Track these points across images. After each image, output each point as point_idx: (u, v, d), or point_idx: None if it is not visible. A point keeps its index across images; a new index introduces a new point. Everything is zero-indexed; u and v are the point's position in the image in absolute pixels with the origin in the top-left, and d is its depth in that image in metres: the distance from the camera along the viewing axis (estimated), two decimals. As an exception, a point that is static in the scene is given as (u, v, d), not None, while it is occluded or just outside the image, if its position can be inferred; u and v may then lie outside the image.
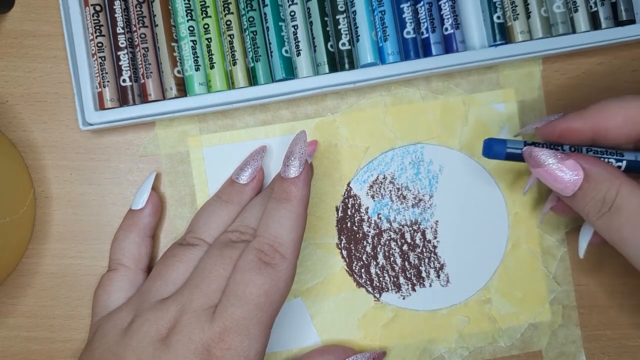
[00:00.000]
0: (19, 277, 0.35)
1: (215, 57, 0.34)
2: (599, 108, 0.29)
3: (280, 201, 0.30)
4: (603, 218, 0.28)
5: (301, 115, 0.36)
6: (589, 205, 0.29)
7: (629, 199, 0.27)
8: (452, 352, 0.35)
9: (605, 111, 0.28)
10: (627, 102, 0.28)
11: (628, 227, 0.28)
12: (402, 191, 0.36)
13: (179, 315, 0.29)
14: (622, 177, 0.28)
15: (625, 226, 0.28)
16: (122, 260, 0.33)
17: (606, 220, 0.28)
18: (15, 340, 0.35)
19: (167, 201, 0.35)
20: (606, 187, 0.28)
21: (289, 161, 0.31)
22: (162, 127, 0.36)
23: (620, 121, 0.28)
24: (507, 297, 0.35)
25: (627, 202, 0.27)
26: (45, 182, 0.36)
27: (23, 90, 0.35)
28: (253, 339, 0.28)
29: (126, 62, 0.34)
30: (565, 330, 0.35)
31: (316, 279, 0.35)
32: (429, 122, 0.36)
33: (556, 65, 0.36)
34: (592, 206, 0.28)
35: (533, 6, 0.33)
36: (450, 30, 0.34)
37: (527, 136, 0.35)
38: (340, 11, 0.34)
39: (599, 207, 0.28)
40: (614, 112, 0.28)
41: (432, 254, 0.35)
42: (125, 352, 0.28)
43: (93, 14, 0.33)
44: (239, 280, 0.29)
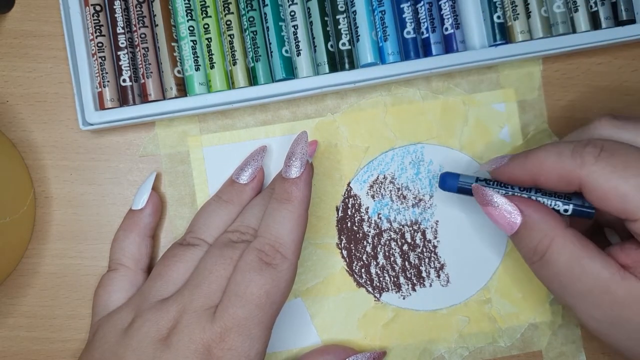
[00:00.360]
0: (19, 277, 0.35)
1: (215, 57, 0.34)
2: (537, 161, 0.28)
3: (282, 201, 0.30)
4: (534, 265, 0.29)
5: (301, 115, 0.36)
6: (523, 250, 0.29)
7: (558, 255, 0.28)
8: (452, 352, 0.35)
9: (541, 167, 0.28)
10: (561, 159, 0.28)
11: (556, 282, 0.28)
12: (402, 191, 0.36)
13: (180, 316, 0.29)
14: (558, 230, 0.28)
15: (555, 279, 0.28)
16: (122, 260, 0.33)
17: (537, 268, 0.29)
18: (15, 340, 0.35)
19: (167, 201, 0.35)
20: (539, 238, 0.28)
21: (290, 162, 0.31)
22: (162, 127, 0.36)
23: (555, 179, 0.28)
24: (507, 297, 0.35)
25: (557, 258, 0.28)
26: (45, 182, 0.36)
27: (23, 90, 0.35)
28: (254, 339, 0.28)
29: (126, 62, 0.34)
30: (565, 330, 0.35)
31: (316, 279, 0.35)
32: (429, 122, 0.36)
33: (556, 65, 0.36)
34: (526, 252, 0.29)
35: (533, 6, 0.33)
36: (450, 30, 0.34)
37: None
38: (340, 11, 0.34)
39: (531, 255, 0.29)
40: (548, 169, 0.28)
41: (432, 254, 0.35)
42: (125, 353, 0.28)
43: (93, 14, 0.33)
44: (239, 280, 0.29)
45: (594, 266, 0.27)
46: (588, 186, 0.27)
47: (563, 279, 0.28)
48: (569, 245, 0.28)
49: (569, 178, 0.27)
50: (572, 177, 0.27)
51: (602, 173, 0.26)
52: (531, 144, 0.35)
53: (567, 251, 0.27)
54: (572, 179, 0.27)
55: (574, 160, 0.27)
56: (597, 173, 0.27)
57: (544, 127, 0.35)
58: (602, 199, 0.27)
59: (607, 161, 0.27)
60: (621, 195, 0.26)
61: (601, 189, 0.27)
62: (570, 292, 0.28)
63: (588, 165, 0.27)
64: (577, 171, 0.27)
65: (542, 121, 0.35)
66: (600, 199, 0.27)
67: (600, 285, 0.27)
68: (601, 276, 0.27)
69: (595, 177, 0.27)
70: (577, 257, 0.27)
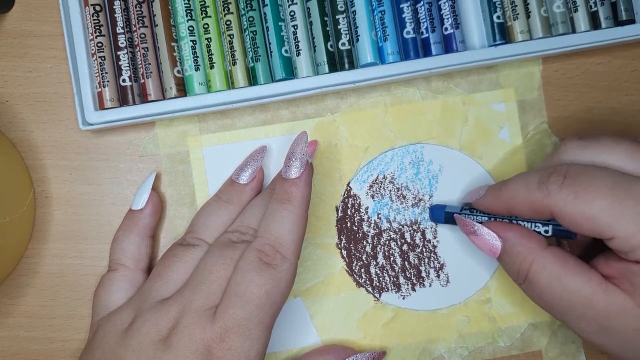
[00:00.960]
0: (19, 277, 0.35)
1: (215, 57, 0.34)
2: (508, 194, 0.30)
3: (282, 202, 0.30)
4: (522, 287, 0.30)
5: (301, 116, 0.36)
6: (509, 273, 0.31)
7: (539, 277, 0.29)
8: (452, 352, 0.35)
9: (513, 200, 0.29)
10: (530, 191, 0.29)
11: (542, 301, 0.29)
12: (402, 191, 0.36)
13: (180, 316, 0.29)
14: (536, 253, 0.29)
15: (540, 299, 0.29)
16: (123, 260, 0.33)
17: (524, 289, 0.30)
18: (15, 340, 0.35)
19: (167, 201, 0.35)
20: (519, 262, 0.29)
21: (290, 162, 0.31)
22: (162, 127, 0.36)
23: (527, 210, 0.29)
24: (507, 297, 0.35)
25: (538, 279, 0.29)
26: (45, 182, 0.36)
27: (23, 91, 0.35)
28: (254, 340, 0.28)
29: (126, 62, 0.34)
30: (565, 331, 0.35)
31: (316, 279, 0.35)
32: (429, 122, 0.36)
33: (556, 65, 0.36)
34: (511, 275, 0.30)
35: (533, 6, 0.33)
36: (450, 30, 0.34)
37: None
38: (340, 11, 0.34)
39: (516, 277, 0.30)
40: (520, 202, 0.29)
41: (432, 254, 0.35)
42: (125, 353, 0.28)
43: (93, 14, 0.33)
44: (240, 280, 0.29)
45: (574, 283, 0.28)
46: (558, 214, 0.28)
47: (547, 297, 0.29)
48: (548, 266, 0.28)
49: (539, 208, 0.28)
50: (542, 208, 0.28)
51: (567, 201, 0.27)
52: (531, 144, 0.35)
53: (546, 272, 0.28)
54: (542, 209, 0.28)
55: (541, 192, 0.28)
56: (562, 202, 0.27)
57: (544, 127, 0.35)
58: (573, 224, 0.28)
59: (570, 189, 0.27)
60: (589, 218, 0.27)
61: (570, 215, 0.27)
62: (556, 309, 0.29)
63: (553, 194, 0.28)
64: (544, 201, 0.28)
65: (542, 121, 0.35)
66: (572, 224, 0.28)
67: (583, 301, 0.28)
68: (583, 292, 0.28)
69: (561, 205, 0.27)
70: (556, 277, 0.28)
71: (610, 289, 0.27)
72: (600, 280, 0.28)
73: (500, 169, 0.35)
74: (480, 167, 0.35)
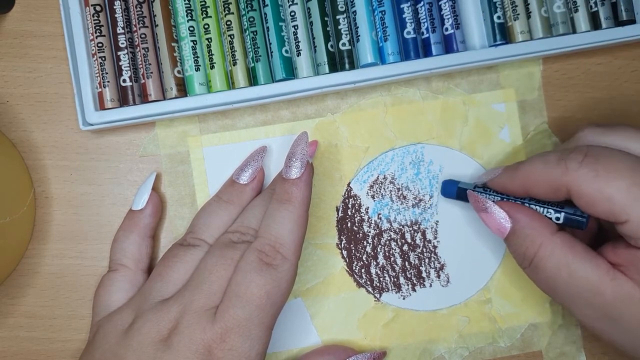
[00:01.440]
0: (19, 277, 0.35)
1: (215, 57, 0.34)
2: (525, 172, 0.29)
3: (282, 202, 0.30)
4: (526, 270, 0.30)
5: (301, 116, 0.36)
6: (514, 255, 0.30)
7: (546, 261, 0.28)
8: (452, 352, 0.35)
9: (530, 177, 0.29)
10: (548, 167, 0.28)
11: (547, 286, 0.29)
12: (402, 191, 0.36)
13: (180, 316, 0.29)
14: (544, 237, 0.29)
15: (545, 283, 0.29)
16: (123, 260, 0.33)
17: (529, 273, 0.30)
18: (15, 341, 0.35)
19: (167, 201, 0.35)
20: (526, 245, 0.29)
21: (290, 162, 0.31)
22: (162, 127, 0.35)
23: (544, 188, 0.29)
24: (507, 297, 0.35)
25: (545, 264, 0.28)
26: (45, 182, 0.36)
27: (23, 91, 0.35)
28: (254, 340, 0.28)
29: (126, 62, 0.33)
30: (565, 331, 0.35)
31: (316, 279, 0.35)
32: (429, 122, 0.36)
33: (556, 65, 0.36)
34: (516, 257, 0.30)
35: (533, 6, 0.33)
36: (450, 30, 0.34)
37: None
38: (340, 11, 0.34)
39: (522, 260, 0.30)
40: (537, 179, 0.29)
41: (433, 254, 0.35)
42: (126, 353, 0.28)
43: (93, 14, 0.33)
44: (240, 280, 0.29)
45: (582, 269, 0.27)
46: (575, 192, 0.27)
47: (552, 283, 0.28)
48: (556, 250, 0.28)
49: (557, 185, 0.28)
50: (559, 185, 0.28)
51: (586, 178, 0.27)
52: (531, 144, 0.35)
53: (554, 257, 0.28)
54: (559, 186, 0.28)
55: (559, 168, 0.28)
56: (581, 178, 0.27)
57: (544, 127, 0.35)
58: (589, 203, 0.27)
59: (590, 166, 0.27)
60: (606, 198, 0.27)
61: (587, 193, 0.27)
62: (562, 294, 0.28)
63: (572, 171, 0.27)
64: (563, 178, 0.28)
65: (542, 121, 0.35)
66: (587, 203, 0.27)
67: (590, 287, 0.27)
68: (590, 278, 0.27)
69: (580, 182, 0.27)
70: (564, 262, 0.28)
71: (618, 276, 0.27)
72: (608, 267, 0.27)
73: (501, 169, 0.35)
74: (481, 167, 0.35)
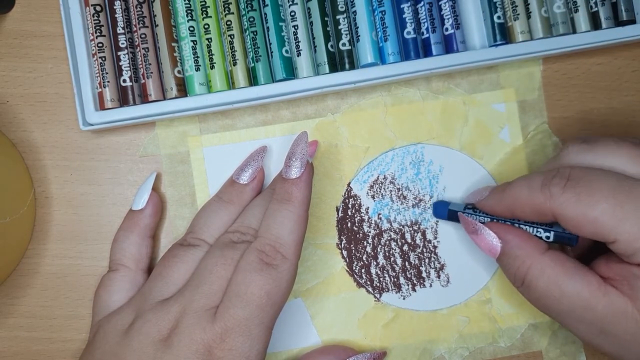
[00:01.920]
0: (19, 277, 0.35)
1: (215, 57, 0.34)
2: (511, 196, 0.30)
3: (282, 202, 0.30)
4: (519, 290, 0.30)
5: (301, 116, 0.36)
6: (506, 275, 0.31)
7: (537, 281, 0.29)
8: (452, 352, 0.35)
9: (516, 202, 0.29)
10: (532, 193, 0.28)
11: (540, 304, 0.29)
12: (402, 191, 0.36)
13: (180, 316, 0.29)
14: (534, 257, 0.29)
15: (538, 302, 0.29)
16: (123, 260, 0.33)
17: (522, 292, 0.30)
18: (15, 341, 0.35)
19: (167, 201, 0.35)
20: (516, 265, 0.29)
21: (290, 162, 0.31)
22: (162, 127, 0.35)
23: (529, 213, 0.29)
24: (507, 297, 0.35)
25: (536, 284, 0.29)
26: (45, 182, 0.36)
27: (23, 91, 0.35)
28: (254, 340, 0.28)
29: (126, 62, 0.33)
30: (566, 331, 0.35)
31: (316, 279, 0.35)
32: (429, 122, 0.36)
33: (556, 65, 0.36)
34: (509, 277, 0.30)
35: (533, 6, 0.33)
36: (450, 30, 0.34)
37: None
38: (340, 11, 0.34)
39: (514, 280, 0.30)
40: (522, 204, 0.29)
41: (433, 254, 0.35)
42: (126, 353, 0.28)
43: (93, 14, 0.33)
44: (240, 280, 0.29)
45: (573, 286, 0.28)
46: (560, 216, 0.28)
47: (545, 301, 0.29)
48: (546, 270, 0.28)
49: (542, 211, 0.28)
50: (544, 210, 0.28)
51: (569, 203, 0.27)
52: (531, 144, 0.35)
53: (544, 276, 0.28)
54: (544, 211, 0.28)
55: (544, 194, 0.28)
56: (565, 204, 0.27)
57: (544, 127, 0.35)
58: (575, 227, 0.28)
59: (573, 191, 0.27)
60: (591, 221, 0.27)
61: (572, 217, 0.27)
62: (555, 312, 0.29)
63: (556, 197, 0.28)
64: (547, 203, 0.28)
65: (542, 121, 0.35)
66: (574, 227, 0.28)
67: (582, 304, 0.28)
68: (582, 295, 0.27)
69: (564, 207, 0.27)
70: (555, 281, 0.28)
71: (610, 291, 0.27)
72: (599, 282, 0.28)
73: (501, 169, 0.35)
74: (481, 167, 0.35)
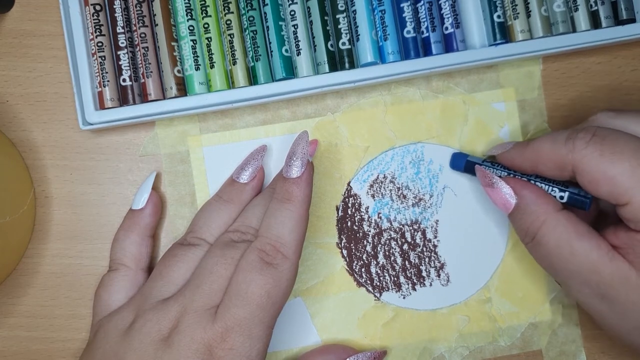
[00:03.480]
0: (19, 277, 0.35)
1: (215, 57, 0.34)
2: (534, 149, 0.30)
3: (282, 201, 0.30)
4: (528, 246, 0.30)
5: (301, 115, 0.36)
6: (517, 231, 0.31)
7: (548, 237, 0.29)
8: (452, 352, 0.35)
9: (538, 155, 0.30)
10: (556, 145, 0.29)
11: (547, 262, 0.29)
12: (402, 190, 0.36)
13: (181, 315, 0.29)
14: (549, 212, 0.29)
15: (546, 260, 0.29)
16: (123, 260, 0.33)
17: (530, 249, 0.30)
18: (15, 340, 0.35)
19: (168, 201, 0.35)
20: (530, 220, 0.29)
21: (291, 161, 0.31)
22: (162, 126, 0.35)
23: (550, 166, 0.29)
24: (507, 296, 0.35)
25: (547, 240, 0.29)
26: (45, 182, 0.36)
27: (23, 90, 0.35)
28: (255, 339, 0.28)
29: (126, 62, 0.33)
30: (566, 330, 0.35)
31: (316, 279, 0.35)
32: (429, 121, 0.36)
33: (556, 64, 0.36)
34: (519, 233, 0.30)
35: (533, 5, 0.33)
36: (450, 29, 0.34)
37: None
38: (340, 10, 0.34)
39: (524, 236, 0.30)
40: (545, 156, 0.29)
41: (433, 253, 0.35)
42: (126, 353, 0.28)
43: (93, 13, 0.33)
44: (240, 280, 0.29)
45: (583, 247, 0.28)
46: (579, 170, 0.28)
47: (553, 259, 0.29)
48: (559, 227, 0.29)
49: (563, 163, 0.28)
50: (566, 162, 0.28)
51: (591, 157, 0.27)
52: (531, 143, 0.35)
53: (556, 233, 0.29)
54: (565, 164, 0.28)
55: (567, 146, 0.28)
56: (587, 157, 0.28)
57: (544, 126, 0.35)
58: (592, 183, 0.28)
59: (596, 146, 0.28)
60: (609, 178, 0.27)
61: (591, 172, 0.28)
62: (561, 271, 0.29)
63: (579, 150, 0.28)
64: (569, 156, 0.28)
65: (542, 120, 0.36)
66: (590, 183, 0.28)
67: (589, 266, 0.28)
68: (590, 257, 0.28)
69: (585, 161, 0.28)
70: (566, 239, 0.28)
71: (617, 257, 0.27)
72: (608, 248, 0.28)
73: (501, 168, 0.35)
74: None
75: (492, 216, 0.35)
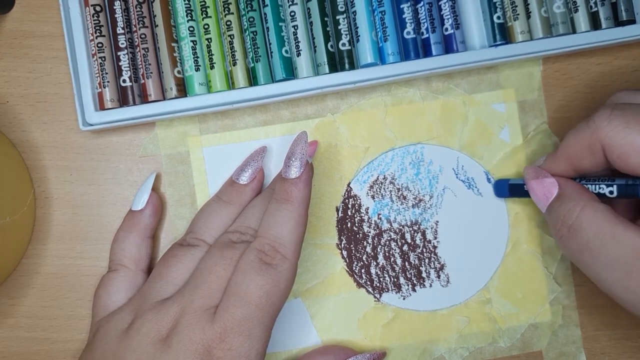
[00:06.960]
0: (19, 278, 0.35)
1: (215, 58, 0.34)
2: (564, 147, 0.30)
3: (281, 202, 0.30)
4: (563, 238, 0.29)
5: (301, 116, 0.36)
6: (553, 222, 0.30)
7: (588, 222, 0.28)
8: (452, 353, 0.35)
9: (569, 150, 0.29)
10: (579, 132, 0.29)
11: (585, 252, 0.28)
12: (402, 191, 0.36)
13: (180, 316, 0.29)
14: (588, 200, 0.28)
15: (584, 249, 0.28)
16: (123, 260, 0.33)
17: (566, 240, 0.29)
18: (15, 341, 0.35)
19: (167, 201, 0.35)
20: (568, 208, 0.29)
21: (290, 162, 0.31)
22: (162, 127, 0.36)
23: (583, 155, 0.29)
24: (507, 297, 0.35)
25: (586, 226, 0.28)
26: (45, 182, 0.36)
27: (23, 91, 0.35)
28: (254, 340, 0.28)
29: (126, 63, 0.34)
30: (566, 331, 0.35)
31: (316, 279, 0.35)
32: (429, 122, 0.36)
33: (556, 65, 0.36)
34: (554, 224, 0.29)
35: (533, 6, 0.33)
36: (450, 30, 0.34)
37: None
38: (340, 11, 0.34)
39: (559, 227, 0.29)
40: (575, 149, 0.29)
41: (432, 254, 0.35)
42: (125, 353, 0.28)
43: (93, 14, 0.33)
44: (240, 280, 0.29)
45: (626, 232, 0.27)
46: (607, 146, 0.28)
47: (593, 246, 0.28)
48: (599, 214, 0.28)
49: (591, 146, 0.28)
50: (593, 144, 0.28)
51: (617, 131, 0.27)
52: (531, 144, 0.35)
53: (597, 218, 0.28)
54: (593, 145, 0.28)
55: (590, 128, 0.28)
56: (612, 132, 0.27)
57: (544, 127, 0.35)
58: (622, 156, 0.27)
59: (620, 119, 0.27)
60: (638, 149, 0.27)
61: (618, 146, 0.27)
62: (601, 260, 0.27)
63: (602, 127, 0.28)
64: (594, 136, 0.28)
65: (542, 121, 0.35)
66: (620, 157, 0.27)
67: (634, 252, 0.27)
68: (635, 242, 0.27)
69: (611, 136, 0.27)
70: (608, 224, 0.27)
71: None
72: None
73: (501, 169, 0.35)
74: (481, 168, 0.35)
75: (492, 217, 0.35)
